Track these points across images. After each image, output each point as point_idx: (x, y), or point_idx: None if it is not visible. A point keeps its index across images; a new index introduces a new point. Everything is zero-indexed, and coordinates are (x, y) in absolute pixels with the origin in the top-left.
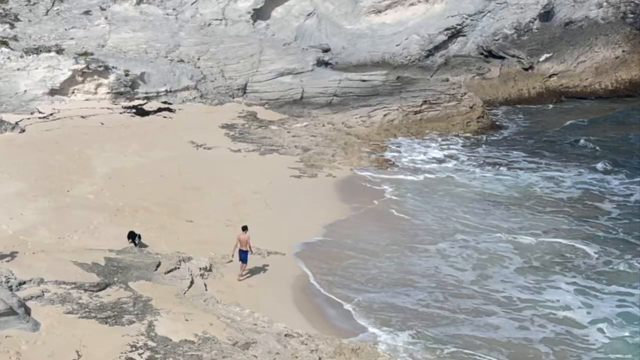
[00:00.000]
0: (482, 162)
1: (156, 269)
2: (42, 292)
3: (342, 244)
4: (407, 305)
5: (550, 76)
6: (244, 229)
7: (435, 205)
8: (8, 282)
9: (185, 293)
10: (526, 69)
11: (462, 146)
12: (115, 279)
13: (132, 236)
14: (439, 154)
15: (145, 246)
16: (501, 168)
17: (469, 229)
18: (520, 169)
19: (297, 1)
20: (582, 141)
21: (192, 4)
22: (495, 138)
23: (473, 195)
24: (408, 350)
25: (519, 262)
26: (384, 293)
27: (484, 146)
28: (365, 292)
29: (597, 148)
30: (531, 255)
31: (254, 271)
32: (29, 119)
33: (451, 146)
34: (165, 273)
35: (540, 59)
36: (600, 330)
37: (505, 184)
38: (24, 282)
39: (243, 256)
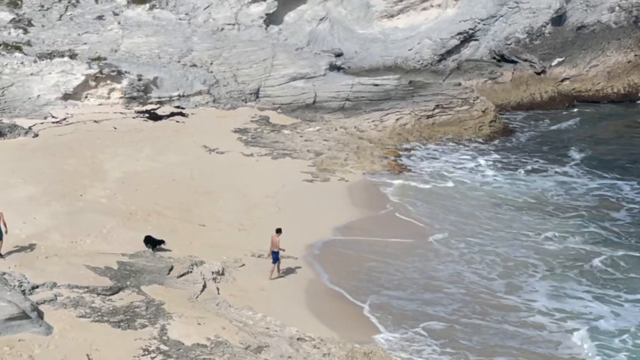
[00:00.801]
0: (496, 166)
1: (169, 273)
2: (55, 296)
3: (356, 247)
4: (441, 314)
5: (562, 80)
6: (278, 231)
7: (450, 209)
8: (21, 286)
9: (197, 297)
10: (538, 73)
11: (475, 150)
12: (128, 282)
13: (150, 241)
14: (453, 159)
15: (169, 250)
16: (516, 173)
17: (488, 234)
18: (535, 173)
19: (309, 6)
20: (592, 146)
21: (204, 8)
22: (508, 142)
23: (489, 200)
24: None
25: (544, 269)
26: (409, 299)
27: (497, 151)
28: (387, 297)
29: (608, 153)
30: (554, 262)
31: (267, 275)
32: (42, 123)
33: (464, 150)
34: (178, 277)
35: (553, 63)
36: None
37: (521, 189)
38: (37, 286)
39: (274, 256)
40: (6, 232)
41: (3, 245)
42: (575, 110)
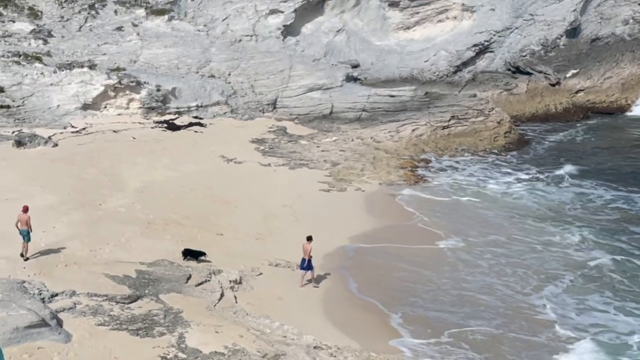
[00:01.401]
0: (513, 177)
1: (187, 282)
2: (74, 304)
3: (374, 256)
4: (484, 327)
5: (577, 92)
6: (309, 239)
7: (470, 219)
8: (41, 294)
9: (215, 305)
10: (553, 85)
11: (491, 161)
12: (147, 291)
13: (190, 253)
14: (469, 169)
15: (210, 262)
16: (534, 184)
17: (513, 245)
18: (552, 185)
19: (326, 18)
20: (606, 158)
21: (222, 20)
22: (524, 153)
23: (510, 210)
24: None
25: (571, 281)
26: (441, 310)
27: (513, 161)
28: (412, 306)
29: (622, 165)
30: (581, 274)
31: (284, 284)
32: (61, 133)
33: (480, 161)
34: (196, 285)
35: (567, 75)
36: None
37: (540, 200)
38: (57, 294)
39: (303, 264)
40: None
41: (29, 249)
42: (590, 121)
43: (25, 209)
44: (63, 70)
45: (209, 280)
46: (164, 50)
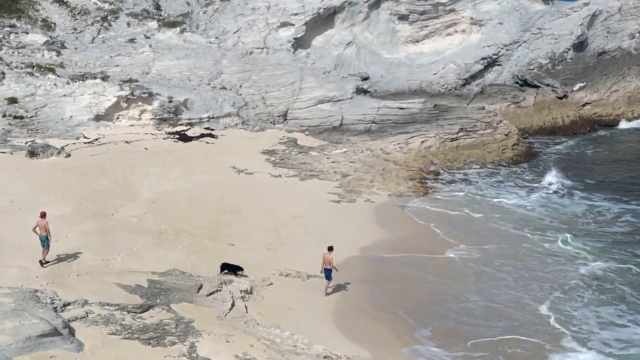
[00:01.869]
0: (523, 189)
1: (198, 292)
2: (87, 313)
3: (385, 266)
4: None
5: (584, 105)
6: (330, 249)
7: (483, 231)
8: (53, 303)
9: (226, 315)
10: (560, 98)
11: (499, 173)
12: (158, 300)
13: (228, 267)
14: (478, 181)
15: (246, 276)
16: (544, 196)
17: (533, 258)
18: (564, 197)
19: (337, 30)
20: (614, 170)
21: (234, 32)
22: (532, 166)
23: (524, 223)
24: None
25: (594, 296)
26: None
27: (521, 173)
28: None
29: (628, 177)
30: (610, 286)
31: (295, 294)
32: (74, 143)
33: (489, 173)
34: (207, 295)
35: (574, 88)
36: None
37: (552, 212)
38: (69, 304)
39: (327, 273)
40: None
41: (48, 254)
42: (596, 134)
43: (43, 215)
44: (76, 82)
45: (220, 290)
46: (176, 62)
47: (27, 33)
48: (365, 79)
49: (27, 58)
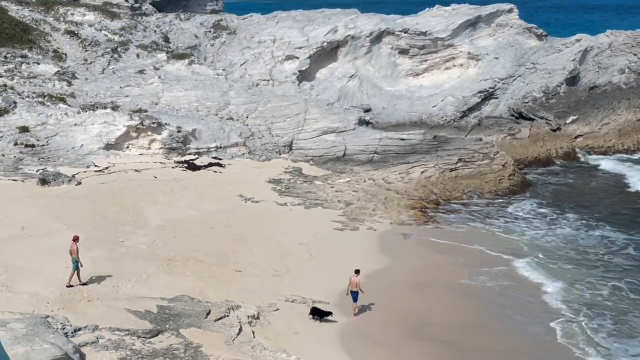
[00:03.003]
0: (524, 218)
1: (206, 317)
2: (97, 338)
3: (389, 293)
4: None
5: (576, 137)
6: (357, 272)
7: (482, 260)
8: (64, 328)
9: (234, 340)
10: (554, 130)
11: (497, 203)
12: (168, 326)
13: (318, 313)
14: (477, 210)
15: (334, 322)
16: (546, 226)
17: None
18: (565, 227)
19: (340, 64)
20: (604, 200)
21: (241, 65)
22: (531, 197)
23: (529, 251)
24: None
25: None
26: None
27: (519, 203)
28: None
29: (619, 209)
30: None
31: (301, 319)
32: (85, 172)
33: (488, 203)
34: (215, 321)
35: (567, 121)
36: None
37: (557, 244)
38: (80, 329)
39: (354, 296)
40: (81, 265)
41: (75, 277)
42: (589, 165)
43: (76, 239)
44: (87, 111)
45: (228, 316)
46: (184, 93)
47: (39, 64)
48: (367, 111)
49: (39, 88)
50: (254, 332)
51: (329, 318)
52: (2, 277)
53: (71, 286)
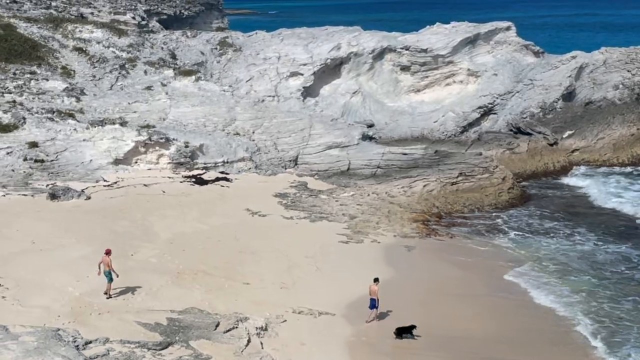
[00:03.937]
0: (523, 230)
1: (215, 329)
2: (108, 351)
3: (393, 304)
4: None
5: (572, 151)
6: (376, 280)
7: (489, 273)
8: (75, 341)
9: (242, 351)
10: (551, 145)
11: (496, 215)
12: (177, 338)
13: (402, 331)
14: (476, 223)
15: (418, 336)
16: (551, 240)
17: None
18: (566, 240)
19: (343, 80)
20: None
21: (247, 81)
22: (527, 209)
23: (539, 264)
24: None
25: None
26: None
27: (521, 218)
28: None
29: (614, 221)
30: None
31: (307, 330)
32: (94, 186)
33: (484, 215)
34: (224, 332)
35: (564, 136)
36: None
37: (570, 258)
38: (90, 342)
39: (372, 303)
40: (117, 276)
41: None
42: (583, 177)
43: (108, 252)
44: (95, 127)
45: (236, 327)
46: (191, 109)
47: (47, 80)
48: (370, 126)
49: (48, 104)
50: (262, 343)
51: (415, 331)
52: (13, 290)
53: (110, 297)
